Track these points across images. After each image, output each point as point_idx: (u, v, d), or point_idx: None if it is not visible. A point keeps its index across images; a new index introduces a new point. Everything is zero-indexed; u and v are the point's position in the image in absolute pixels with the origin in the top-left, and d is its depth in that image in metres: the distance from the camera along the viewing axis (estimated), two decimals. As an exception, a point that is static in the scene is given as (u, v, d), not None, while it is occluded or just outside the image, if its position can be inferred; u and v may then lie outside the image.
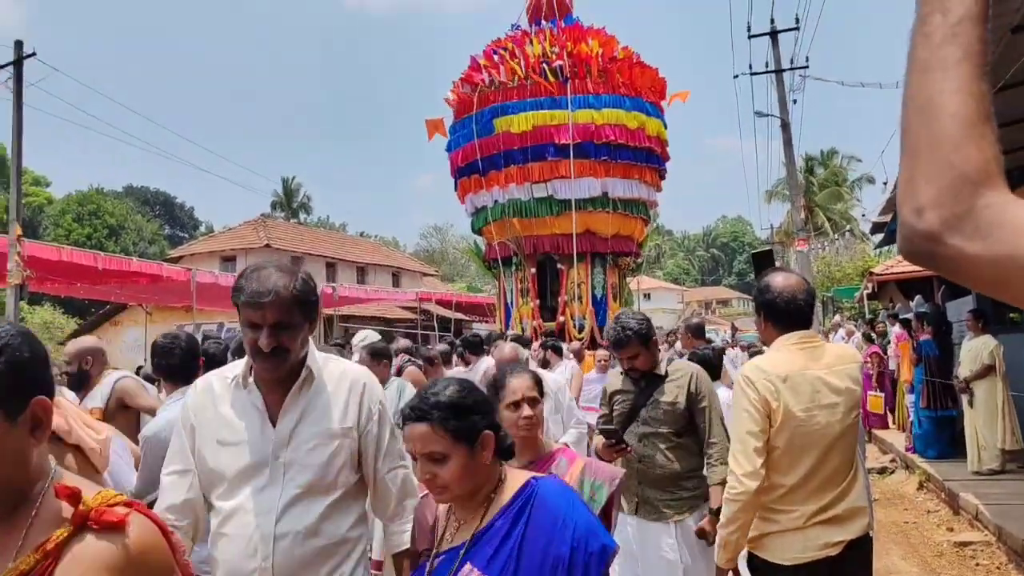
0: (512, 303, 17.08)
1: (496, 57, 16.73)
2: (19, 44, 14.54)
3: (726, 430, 3.51)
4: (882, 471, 9.38)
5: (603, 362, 8.55)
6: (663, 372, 3.66)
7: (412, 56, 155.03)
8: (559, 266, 16.64)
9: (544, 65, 16.13)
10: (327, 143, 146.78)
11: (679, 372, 3.66)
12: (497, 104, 16.30)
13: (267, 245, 25.58)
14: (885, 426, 11.44)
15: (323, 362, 2.16)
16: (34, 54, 14.53)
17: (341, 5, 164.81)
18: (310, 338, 2.14)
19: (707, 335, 8.05)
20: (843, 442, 2.68)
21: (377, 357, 5.14)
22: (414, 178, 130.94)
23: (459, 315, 25.62)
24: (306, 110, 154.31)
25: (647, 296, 58.99)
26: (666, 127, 17.63)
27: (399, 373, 5.93)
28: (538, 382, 2.56)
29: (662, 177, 18.03)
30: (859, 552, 2.71)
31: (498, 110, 16.24)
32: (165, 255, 32.62)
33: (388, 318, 25.31)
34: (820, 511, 2.64)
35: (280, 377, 2.05)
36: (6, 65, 14.40)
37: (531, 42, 16.64)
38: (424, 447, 1.69)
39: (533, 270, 16.71)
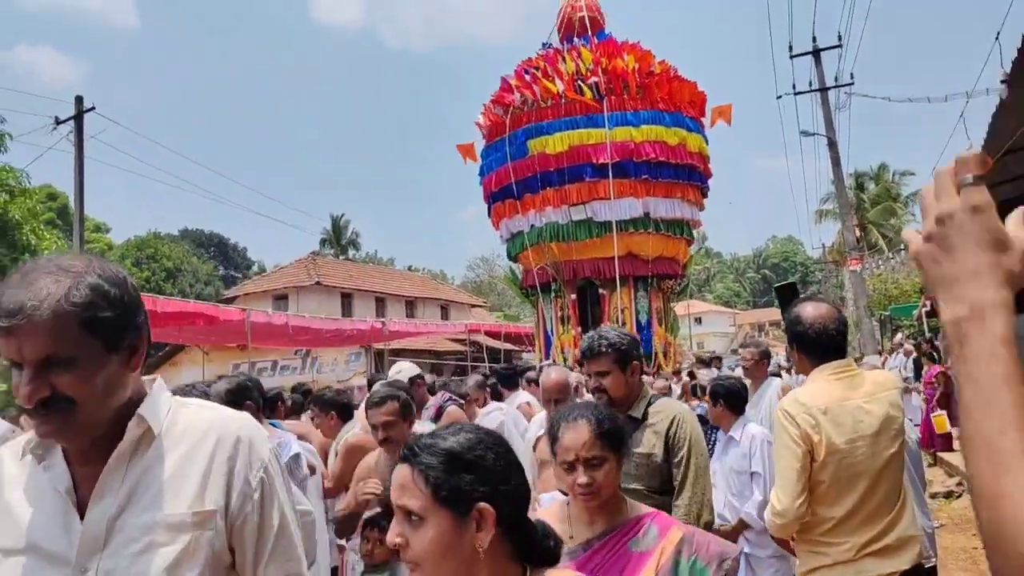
0: (552, 331, 16.63)
1: (528, 77, 16.29)
2: (79, 99, 15.25)
3: (706, 490, 2.91)
4: (948, 495, 9.03)
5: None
6: (640, 414, 2.94)
7: (453, 90, 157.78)
8: (600, 291, 16.15)
9: (579, 82, 15.65)
10: (374, 179, 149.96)
11: (659, 415, 2.93)
12: (531, 125, 15.77)
13: (318, 282, 26.07)
14: (950, 447, 11.01)
15: (173, 412, 1.39)
16: (93, 108, 15.22)
17: (383, 47, 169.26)
18: (158, 377, 1.43)
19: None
20: (889, 471, 2.64)
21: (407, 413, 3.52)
22: (460, 209, 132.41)
23: (508, 345, 25.66)
24: (353, 148, 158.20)
25: (698, 320, 58.17)
26: (707, 142, 17.08)
27: (438, 415, 5.19)
28: (605, 435, 1.97)
29: (704, 195, 17.49)
30: (914, 583, 2.64)
31: (532, 131, 15.72)
32: (220, 295, 33.51)
33: (438, 351, 25.45)
34: (870, 542, 2.59)
35: (83, 443, 1.29)
36: (67, 120, 15.10)
37: (564, 60, 16.15)
38: (399, 497, 1.32)
39: (573, 296, 16.25)
